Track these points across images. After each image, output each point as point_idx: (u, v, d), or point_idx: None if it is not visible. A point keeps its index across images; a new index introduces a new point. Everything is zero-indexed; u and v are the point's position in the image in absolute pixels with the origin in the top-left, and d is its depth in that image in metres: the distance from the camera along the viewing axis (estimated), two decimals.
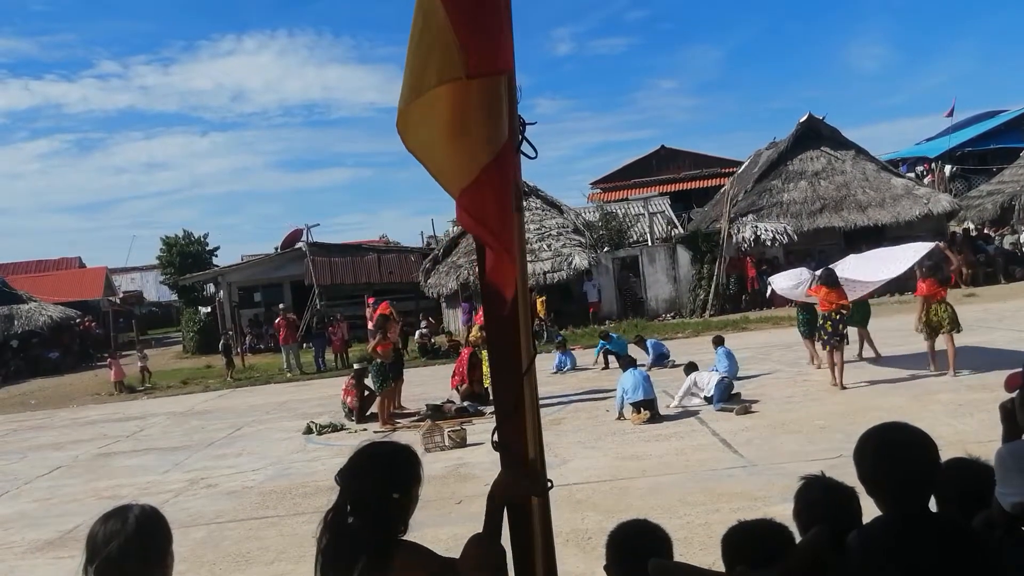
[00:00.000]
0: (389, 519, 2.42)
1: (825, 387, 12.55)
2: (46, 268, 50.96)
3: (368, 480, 2.43)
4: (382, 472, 2.46)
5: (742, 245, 27.29)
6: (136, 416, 18.24)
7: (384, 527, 2.39)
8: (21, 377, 31.11)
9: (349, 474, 2.47)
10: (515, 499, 2.38)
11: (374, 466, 2.47)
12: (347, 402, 14.25)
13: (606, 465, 9.39)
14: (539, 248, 27.12)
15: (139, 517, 2.28)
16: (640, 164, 49.59)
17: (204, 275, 36.76)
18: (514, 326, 2.34)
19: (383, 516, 2.40)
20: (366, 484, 2.43)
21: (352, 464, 2.49)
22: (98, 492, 10.81)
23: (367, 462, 2.49)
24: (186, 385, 23.20)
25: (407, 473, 2.50)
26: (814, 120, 30.03)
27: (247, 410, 17.21)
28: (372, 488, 2.42)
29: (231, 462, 11.94)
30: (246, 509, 9.23)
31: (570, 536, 6.82)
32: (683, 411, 11.98)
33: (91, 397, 22.95)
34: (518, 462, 2.38)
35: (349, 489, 2.45)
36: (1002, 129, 41.59)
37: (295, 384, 21.53)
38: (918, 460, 2.24)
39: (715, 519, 6.70)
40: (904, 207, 27.64)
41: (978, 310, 20.40)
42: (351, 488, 2.45)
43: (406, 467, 2.51)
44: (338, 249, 33.61)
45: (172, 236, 42.30)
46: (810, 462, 7.58)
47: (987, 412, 8.87)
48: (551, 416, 12.27)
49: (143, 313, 51.21)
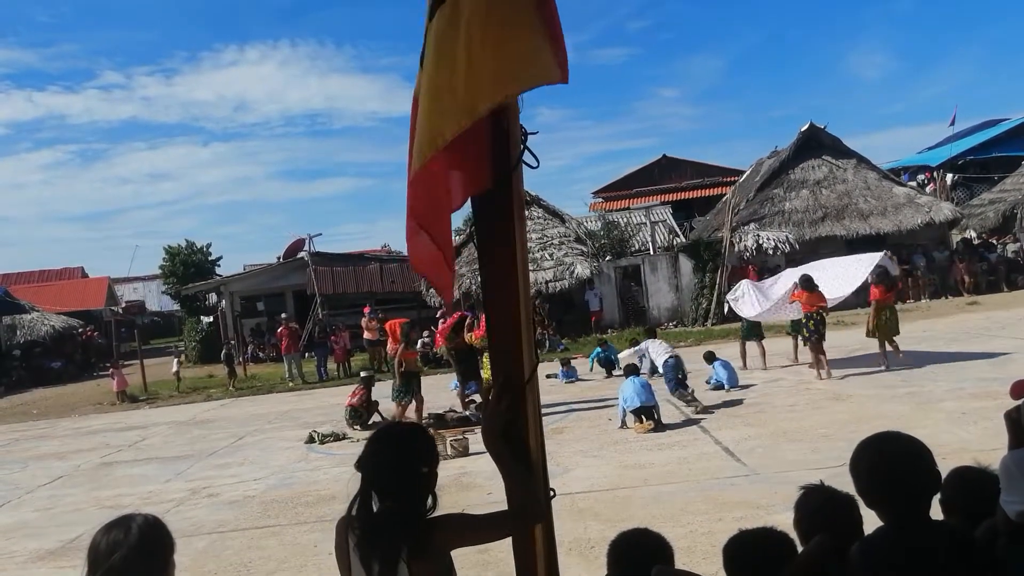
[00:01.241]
0: (419, 496, 2.39)
1: (828, 395, 12.55)
2: (49, 278, 51.05)
3: (394, 456, 2.39)
4: (406, 447, 2.43)
5: (744, 254, 27.29)
6: (138, 425, 18.22)
7: (416, 505, 2.37)
8: (23, 387, 31.11)
9: (373, 457, 2.42)
10: (499, 423, 2.28)
11: (398, 443, 2.45)
12: (352, 403, 14.23)
13: (609, 474, 9.37)
14: (541, 257, 27.16)
15: (142, 527, 2.27)
16: (642, 173, 49.62)
17: (206, 285, 36.83)
18: (516, 335, 2.34)
19: (413, 493, 2.37)
20: (392, 461, 2.38)
21: (373, 447, 2.45)
22: (100, 502, 10.80)
23: (390, 440, 2.46)
24: (188, 395, 23.20)
25: (429, 446, 2.49)
26: (815, 129, 30.09)
27: (249, 419, 17.20)
28: (400, 464, 2.37)
29: (233, 471, 11.93)
30: (248, 518, 9.21)
31: (573, 545, 6.80)
32: (686, 420, 11.97)
33: (93, 407, 22.93)
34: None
35: (374, 473, 2.40)
36: (1003, 138, 41.59)
37: (297, 393, 21.52)
38: (915, 469, 2.22)
39: (718, 528, 6.68)
40: (906, 216, 27.67)
41: (981, 318, 20.43)
42: (376, 471, 2.39)
43: (426, 440, 2.51)
44: (340, 258, 33.66)
45: (175, 246, 42.50)
46: (813, 471, 7.55)
47: (990, 420, 8.84)
48: (553, 425, 12.26)
49: (145, 323, 51.26)
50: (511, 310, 2.35)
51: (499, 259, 2.33)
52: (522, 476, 2.26)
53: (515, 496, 2.27)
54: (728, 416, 11.93)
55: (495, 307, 2.41)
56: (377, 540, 2.31)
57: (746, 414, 11.93)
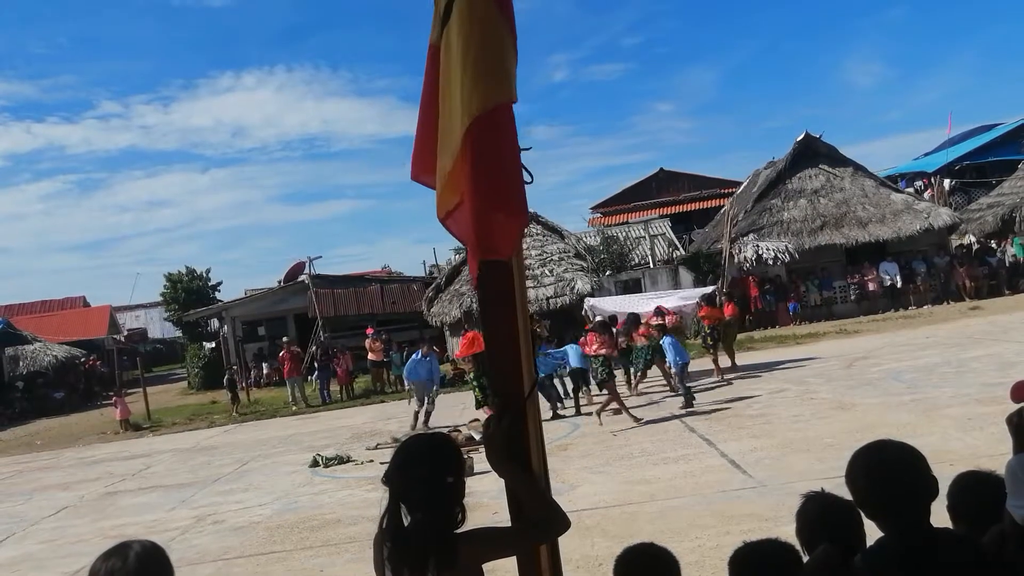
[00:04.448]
0: (446, 508, 2.38)
1: (833, 405, 12.51)
2: (51, 308, 51.04)
3: (420, 469, 2.37)
4: (431, 458, 2.41)
5: (744, 265, 27.30)
6: (142, 454, 18.16)
7: (443, 518, 2.36)
8: (27, 418, 31.01)
9: (398, 470, 2.41)
10: (502, 441, 2.33)
11: (422, 454, 2.43)
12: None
13: (615, 490, 9.32)
14: (541, 273, 27.16)
15: (139, 554, 2.25)
16: (640, 187, 49.77)
17: (208, 310, 36.82)
18: (515, 351, 2.34)
19: (441, 505, 2.36)
20: (419, 473, 2.36)
21: (398, 460, 2.44)
22: (104, 532, 10.72)
23: (414, 452, 2.45)
24: (191, 421, 23.15)
25: (454, 456, 2.48)
26: (811, 138, 30.15)
27: (253, 444, 17.15)
28: (426, 476, 2.36)
29: (238, 497, 11.87)
30: (253, 545, 9.16)
31: (580, 563, 6.75)
32: (689, 430, 11.92)
33: (97, 436, 22.86)
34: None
35: (401, 486, 2.39)
36: (999, 142, 41.70)
37: (300, 417, 21.46)
38: (909, 476, 2.20)
39: (727, 541, 6.61)
40: (905, 222, 27.67)
41: (983, 323, 20.37)
42: (404, 483, 2.38)
43: (451, 450, 2.49)
44: (341, 281, 33.65)
45: (175, 273, 42.49)
46: (820, 481, 7.48)
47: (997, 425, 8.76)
48: (558, 442, 12.21)
49: (147, 350, 51.23)
50: (509, 326, 2.34)
51: (496, 276, 2.33)
52: (538, 488, 2.30)
53: (535, 508, 2.30)
54: (733, 428, 11.89)
55: (493, 324, 2.40)
56: (406, 554, 2.31)
57: (751, 425, 11.89)
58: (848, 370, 15.72)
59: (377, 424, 17.55)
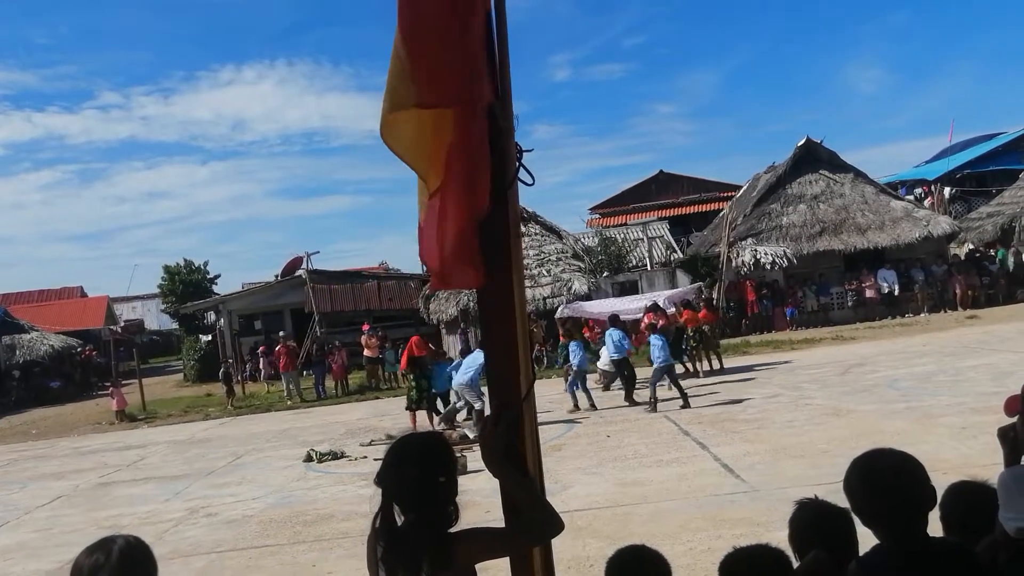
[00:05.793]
0: (439, 508, 2.38)
1: (827, 411, 12.52)
2: (48, 298, 50.99)
3: (411, 469, 2.37)
4: (422, 458, 2.41)
5: (742, 269, 27.30)
6: (137, 445, 18.16)
7: (436, 517, 2.36)
8: (23, 407, 31.00)
9: (390, 470, 2.41)
10: (499, 442, 2.34)
11: (413, 454, 2.42)
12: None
13: (607, 491, 9.34)
14: (538, 274, 27.13)
15: (123, 549, 2.25)
16: (639, 189, 49.74)
17: (205, 303, 36.80)
18: (513, 352, 2.34)
19: (433, 505, 2.36)
20: (411, 473, 2.36)
21: (390, 460, 2.44)
22: (98, 522, 10.73)
23: (406, 452, 2.44)
24: (187, 413, 23.15)
25: (445, 455, 2.47)
26: (812, 143, 30.15)
27: (247, 438, 17.15)
28: (418, 476, 2.36)
29: (231, 490, 11.88)
30: (246, 538, 9.16)
31: (571, 563, 6.76)
32: (683, 433, 11.94)
33: (92, 426, 22.87)
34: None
35: (394, 486, 2.39)
36: (1000, 151, 41.75)
37: (295, 411, 21.47)
38: (908, 485, 2.20)
39: (718, 545, 6.63)
40: (904, 229, 27.69)
41: (979, 332, 20.40)
42: (396, 483, 2.38)
43: (443, 450, 2.49)
44: (338, 276, 33.61)
45: (173, 265, 42.42)
46: (813, 487, 7.48)
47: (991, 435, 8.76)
48: (552, 442, 12.22)
49: (144, 342, 51.17)
50: (508, 327, 2.35)
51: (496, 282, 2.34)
52: (533, 490, 2.31)
53: (530, 508, 2.31)
54: (727, 432, 11.90)
55: (492, 324, 2.41)
56: (400, 554, 2.31)
57: (745, 430, 11.90)
58: (843, 377, 15.74)
59: (371, 420, 17.57)
